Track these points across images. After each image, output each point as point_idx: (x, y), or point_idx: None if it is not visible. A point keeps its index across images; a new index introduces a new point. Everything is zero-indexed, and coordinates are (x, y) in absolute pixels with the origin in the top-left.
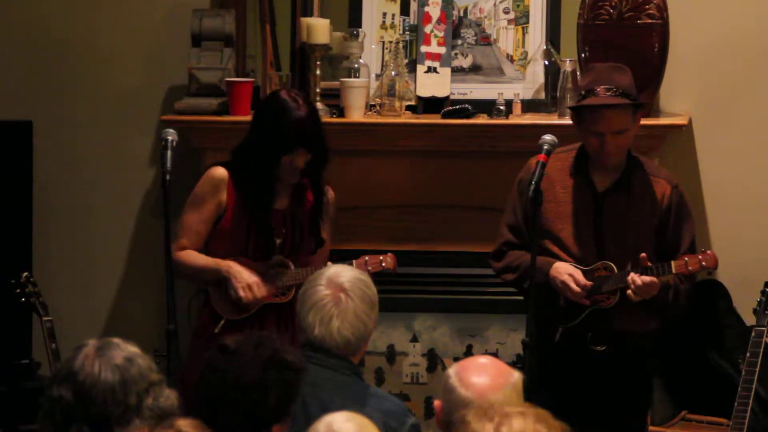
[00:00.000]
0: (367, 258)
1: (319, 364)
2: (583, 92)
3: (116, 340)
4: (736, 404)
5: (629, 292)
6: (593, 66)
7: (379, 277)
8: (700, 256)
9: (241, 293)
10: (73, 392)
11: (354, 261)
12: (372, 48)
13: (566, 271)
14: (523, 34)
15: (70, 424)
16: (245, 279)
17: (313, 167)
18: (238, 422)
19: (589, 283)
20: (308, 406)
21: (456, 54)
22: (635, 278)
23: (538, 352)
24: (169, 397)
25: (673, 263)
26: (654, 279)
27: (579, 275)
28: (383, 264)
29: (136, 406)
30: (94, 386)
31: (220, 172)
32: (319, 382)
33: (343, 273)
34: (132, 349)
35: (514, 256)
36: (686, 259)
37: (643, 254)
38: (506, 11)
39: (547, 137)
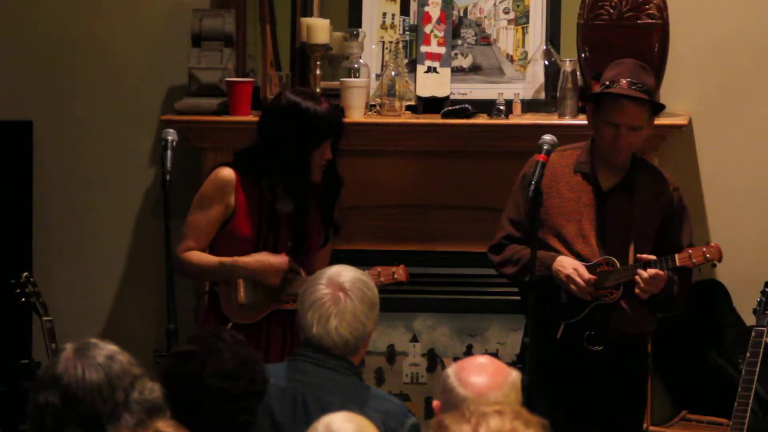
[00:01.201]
0: (379, 270)
1: (319, 365)
2: (607, 82)
3: (93, 340)
4: (736, 404)
5: (637, 290)
6: (620, 61)
7: None
8: (704, 248)
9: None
10: (60, 396)
11: (367, 272)
12: (372, 48)
13: (571, 265)
14: (523, 34)
15: (61, 428)
16: (276, 265)
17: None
18: (246, 407)
19: (593, 277)
20: (308, 406)
21: (456, 54)
22: (641, 272)
23: (538, 351)
24: (153, 389)
25: (677, 256)
26: (659, 271)
27: (583, 270)
28: (395, 276)
29: (124, 401)
30: (80, 388)
31: (228, 173)
32: (319, 382)
33: (344, 273)
34: (110, 347)
35: (514, 249)
36: (690, 251)
37: (643, 255)
38: (506, 11)
39: (547, 137)
